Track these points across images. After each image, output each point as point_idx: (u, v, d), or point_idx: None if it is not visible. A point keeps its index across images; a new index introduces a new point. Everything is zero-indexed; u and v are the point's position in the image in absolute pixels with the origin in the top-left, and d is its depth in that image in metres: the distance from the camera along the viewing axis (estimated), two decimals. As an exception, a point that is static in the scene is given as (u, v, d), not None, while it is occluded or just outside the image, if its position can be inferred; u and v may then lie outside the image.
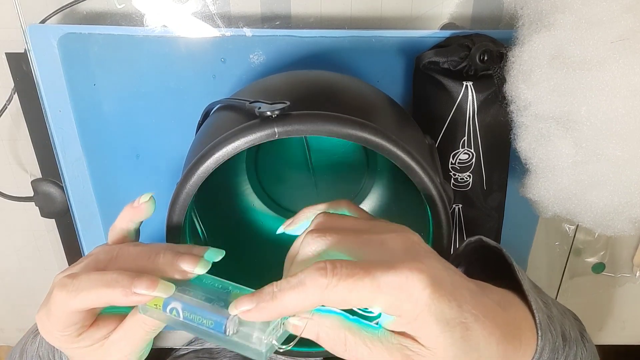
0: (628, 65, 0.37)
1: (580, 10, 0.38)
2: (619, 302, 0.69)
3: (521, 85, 0.43)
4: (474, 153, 0.50)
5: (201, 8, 0.49)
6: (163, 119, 0.53)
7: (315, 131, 0.35)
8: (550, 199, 0.46)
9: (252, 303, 0.30)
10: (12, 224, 0.63)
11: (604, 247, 0.64)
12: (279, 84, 0.42)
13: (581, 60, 0.38)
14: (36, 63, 0.49)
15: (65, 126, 0.53)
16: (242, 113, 0.37)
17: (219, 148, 0.34)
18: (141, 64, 0.50)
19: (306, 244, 0.32)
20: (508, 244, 0.58)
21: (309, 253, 0.32)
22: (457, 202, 0.52)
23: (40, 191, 0.58)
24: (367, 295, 0.29)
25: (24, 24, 0.48)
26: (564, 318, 0.41)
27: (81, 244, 0.59)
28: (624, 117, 0.38)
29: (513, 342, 0.33)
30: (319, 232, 0.32)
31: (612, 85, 0.37)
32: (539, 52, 0.41)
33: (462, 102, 0.47)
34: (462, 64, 0.47)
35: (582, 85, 0.39)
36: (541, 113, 0.43)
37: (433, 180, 0.36)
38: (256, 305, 0.30)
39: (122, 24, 0.50)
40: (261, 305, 0.30)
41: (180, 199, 0.36)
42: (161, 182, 0.56)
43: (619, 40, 0.37)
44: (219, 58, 0.50)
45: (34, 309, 0.69)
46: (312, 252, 0.32)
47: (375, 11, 0.51)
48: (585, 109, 0.39)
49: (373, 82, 0.51)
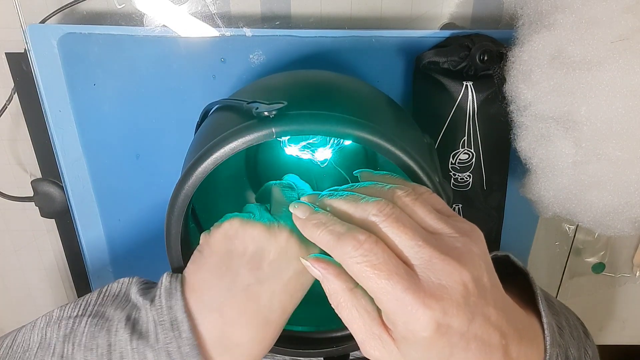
0: (628, 65, 0.37)
1: (580, 10, 0.38)
2: (619, 302, 0.69)
3: (521, 85, 0.43)
4: (474, 153, 0.49)
5: (201, 8, 0.49)
6: (163, 119, 0.53)
7: (313, 131, 0.35)
8: (550, 199, 0.46)
9: (303, 214, 0.33)
10: (12, 224, 0.63)
11: (604, 247, 0.64)
12: (277, 84, 0.42)
13: (581, 60, 0.38)
14: (36, 63, 0.49)
15: (65, 126, 0.53)
16: (240, 113, 0.37)
17: (217, 148, 0.34)
18: (141, 64, 0.50)
19: (370, 212, 0.31)
20: (508, 244, 0.59)
21: (369, 218, 0.31)
22: (457, 202, 0.52)
23: (40, 191, 0.59)
24: (377, 292, 0.29)
25: (24, 24, 0.49)
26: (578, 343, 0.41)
27: (81, 244, 0.59)
28: (624, 117, 0.38)
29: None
30: (388, 214, 0.31)
31: (612, 85, 0.37)
32: (539, 52, 0.41)
33: (462, 102, 0.47)
34: (462, 64, 0.47)
35: (582, 85, 0.39)
36: (541, 113, 0.43)
37: (432, 180, 0.36)
38: (303, 220, 0.33)
39: (122, 24, 0.50)
40: (305, 223, 0.33)
41: (179, 199, 0.36)
42: (161, 182, 0.56)
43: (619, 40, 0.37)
44: (219, 58, 0.50)
45: (34, 309, 0.70)
46: (370, 220, 0.31)
47: (375, 11, 0.51)
48: (585, 109, 0.39)
49: (373, 82, 0.51)
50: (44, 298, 0.68)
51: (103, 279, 0.61)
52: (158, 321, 0.34)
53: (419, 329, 0.28)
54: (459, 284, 0.29)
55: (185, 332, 0.33)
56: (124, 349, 0.33)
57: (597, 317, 0.71)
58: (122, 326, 0.34)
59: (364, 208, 0.32)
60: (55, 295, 0.68)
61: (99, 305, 0.36)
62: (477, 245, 0.31)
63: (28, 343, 0.36)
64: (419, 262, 0.30)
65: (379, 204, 0.32)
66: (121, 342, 0.33)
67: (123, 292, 0.37)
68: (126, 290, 0.37)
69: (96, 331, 0.34)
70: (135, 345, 0.33)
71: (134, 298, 0.36)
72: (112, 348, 0.33)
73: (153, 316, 0.34)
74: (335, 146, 0.47)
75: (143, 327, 0.34)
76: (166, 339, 0.33)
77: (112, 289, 0.38)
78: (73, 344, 0.34)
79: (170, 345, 0.33)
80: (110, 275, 0.61)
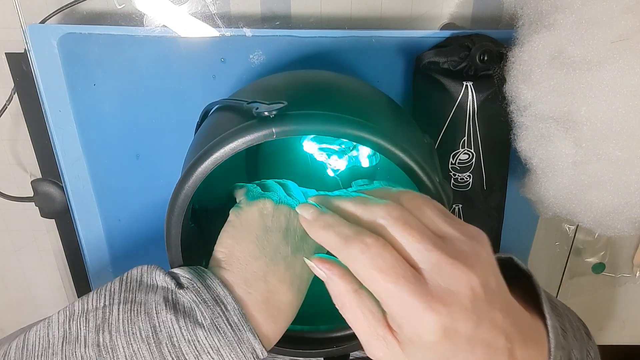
0: (628, 65, 0.37)
1: (580, 10, 0.38)
2: (619, 302, 0.69)
3: (521, 85, 0.43)
4: (474, 153, 0.49)
5: (201, 8, 0.49)
6: (163, 119, 0.53)
7: (313, 131, 0.35)
8: (550, 199, 0.46)
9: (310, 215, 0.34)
10: (12, 224, 0.63)
11: (604, 247, 0.64)
12: (277, 84, 0.42)
13: (581, 60, 0.38)
14: (36, 63, 0.49)
15: (65, 126, 0.53)
16: (240, 113, 0.37)
17: (217, 148, 0.34)
18: (141, 64, 0.50)
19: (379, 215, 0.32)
20: (508, 244, 0.59)
21: (377, 221, 0.31)
22: (457, 202, 0.52)
23: (40, 191, 0.59)
24: (384, 296, 0.29)
25: (24, 24, 0.49)
26: (581, 345, 0.41)
27: (81, 244, 0.59)
28: (624, 117, 0.38)
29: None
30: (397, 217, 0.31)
31: (612, 85, 0.37)
32: (539, 52, 0.41)
33: (462, 102, 0.47)
34: (462, 64, 0.47)
35: (582, 86, 0.39)
36: (541, 113, 0.43)
37: (432, 180, 0.36)
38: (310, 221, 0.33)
39: (122, 24, 0.50)
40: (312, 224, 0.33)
41: (179, 200, 0.36)
42: (161, 182, 0.56)
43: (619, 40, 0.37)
44: (219, 58, 0.50)
45: (34, 309, 0.70)
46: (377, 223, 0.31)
47: (375, 11, 0.51)
48: (585, 109, 0.39)
49: (373, 82, 0.51)
50: (44, 298, 0.68)
51: (103, 279, 0.61)
52: (200, 300, 0.34)
53: (425, 333, 0.28)
54: (467, 288, 0.29)
55: (230, 304, 0.34)
56: (171, 328, 0.33)
57: (597, 317, 0.71)
58: (163, 307, 0.34)
59: (372, 210, 0.32)
60: (55, 295, 0.68)
61: (126, 291, 0.36)
62: (484, 249, 0.31)
63: (48, 340, 0.35)
64: (426, 265, 0.29)
65: (387, 207, 0.32)
66: (166, 322, 0.33)
67: (147, 278, 0.37)
68: (149, 276, 0.37)
69: (133, 316, 0.34)
70: (183, 324, 0.33)
71: (162, 282, 0.36)
72: (158, 329, 0.33)
73: (192, 297, 0.34)
74: (351, 162, 0.47)
75: (186, 305, 0.34)
76: (213, 315, 0.33)
77: (133, 276, 0.37)
78: (110, 332, 0.34)
79: (219, 320, 0.33)
80: (110, 275, 0.61)
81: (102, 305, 0.35)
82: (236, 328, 0.33)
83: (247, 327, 0.34)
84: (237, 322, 0.34)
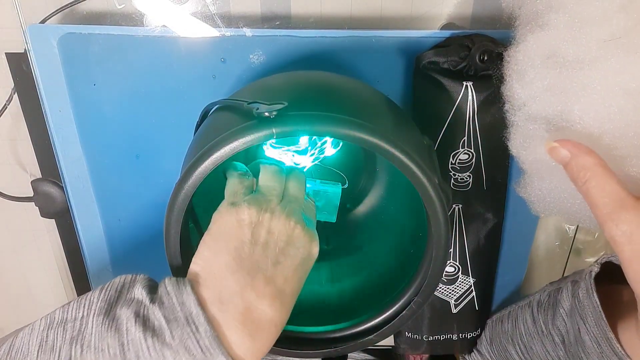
0: (621, 64, 0.37)
1: (573, 10, 0.38)
2: (619, 302, 0.69)
3: (516, 84, 0.43)
4: (474, 153, 0.49)
5: (201, 8, 0.49)
6: (163, 119, 0.53)
7: (312, 132, 0.35)
8: (545, 199, 0.46)
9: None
10: (12, 224, 0.63)
11: (604, 247, 0.64)
12: (277, 84, 0.42)
13: (574, 59, 0.38)
14: (36, 63, 0.49)
15: (65, 126, 0.53)
16: (240, 114, 0.37)
17: (216, 148, 0.34)
18: (141, 64, 0.50)
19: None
20: (508, 244, 0.59)
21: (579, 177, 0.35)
22: (457, 202, 0.52)
23: (40, 191, 0.59)
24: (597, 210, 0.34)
25: (24, 24, 0.49)
26: None
27: (81, 244, 0.59)
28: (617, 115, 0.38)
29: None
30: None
31: (605, 84, 0.37)
32: (533, 51, 0.41)
33: (462, 102, 0.47)
34: (462, 64, 0.47)
35: (575, 85, 0.38)
36: (535, 112, 0.42)
37: (431, 181, 0.36)
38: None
39: (122, 24, 0.50)
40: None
41: (178, 200, 0.36)
42: (160, 182, 0.56)
43: (611, 39, 0.37)
44: (219, 58, 0.50)
45: (34, 309, 0.70)
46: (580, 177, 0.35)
47: (375, 11, 0.51)
48: (578, 108, 0.39)
49: (373, 82, 0.51)
50: (44, 298, 0.68)
51: (103, 279, 0.61)
52: (171, 318, 0.33)
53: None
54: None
55: (202, 325, 0.33)
56: (139, 347, 0.32)
57: (597, 317, 0.71)
58: (132, 324, 0.33)
59: None
60: (55, 295, 0.68)
61: (102, 301, 0.35)
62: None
63: (27, 347, 0.34)
64: None
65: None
66: (134, 340, 0.32)
67: (126, 289, 0.36)
68: (129, 287, 0.36)
69: (104, 331, 0.33)
70: (150, 344, 0.32)
71: (139, 295, 0.35)
72: (126, 347, 0.32)
73: (164, 314, 0.33)
74: (318, 156, 0.47)
75: (155, 323, 0.33)
76: (183, 335, 0.32)
77: (114, 285, 0.37)
78: (82, 345, 0.33)
79: (188, 341, 0.32)
80: (110, 275, 0.61)
81: (80, 316, 0.35)
82: (207, 350, 0.32)
83: (219, 350, 0.32)
84: (207, 345, 0.32)
